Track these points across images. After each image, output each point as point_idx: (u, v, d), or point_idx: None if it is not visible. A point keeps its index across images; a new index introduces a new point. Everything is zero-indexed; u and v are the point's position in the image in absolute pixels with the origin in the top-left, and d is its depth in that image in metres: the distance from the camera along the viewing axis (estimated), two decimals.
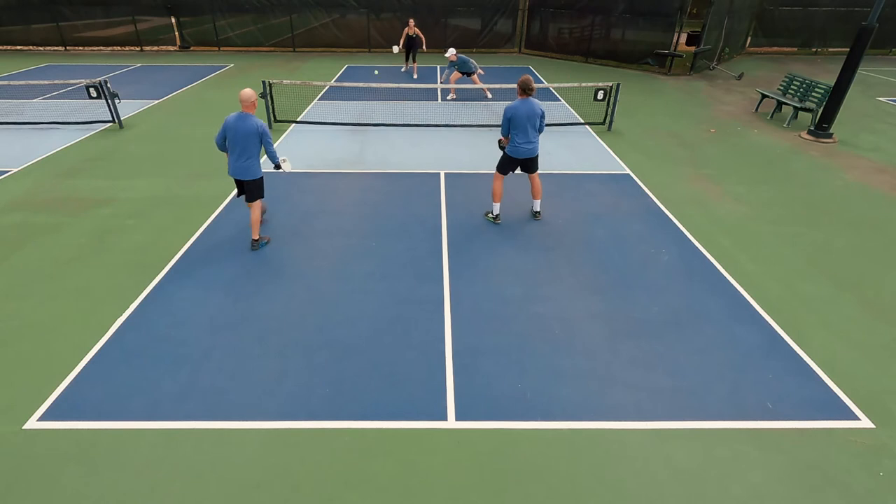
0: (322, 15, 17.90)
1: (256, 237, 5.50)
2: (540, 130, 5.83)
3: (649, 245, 5.70)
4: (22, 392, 3.69)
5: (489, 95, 12.10)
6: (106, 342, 4.17)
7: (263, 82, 9.26)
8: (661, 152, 8.64)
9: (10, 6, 17.36)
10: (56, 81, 10.09)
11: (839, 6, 17.65)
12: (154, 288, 4.86)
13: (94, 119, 9.72)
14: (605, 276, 5.13)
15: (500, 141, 6.00)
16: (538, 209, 6.25)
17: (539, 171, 6.11)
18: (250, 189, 5.39)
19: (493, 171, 6.17)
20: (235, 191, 5.75)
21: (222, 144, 5.27)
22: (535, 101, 5.69)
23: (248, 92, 5.07)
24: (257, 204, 5.45)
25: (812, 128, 9.49)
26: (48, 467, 3.16)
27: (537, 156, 5.95)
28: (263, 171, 5.42)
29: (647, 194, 6.99)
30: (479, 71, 11.70)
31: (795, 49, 18.71)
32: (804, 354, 4.13)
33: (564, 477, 3.14)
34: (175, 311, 4.54)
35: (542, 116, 5.74)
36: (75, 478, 3.10)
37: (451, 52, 11.50)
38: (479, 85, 11.65)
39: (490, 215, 6.19)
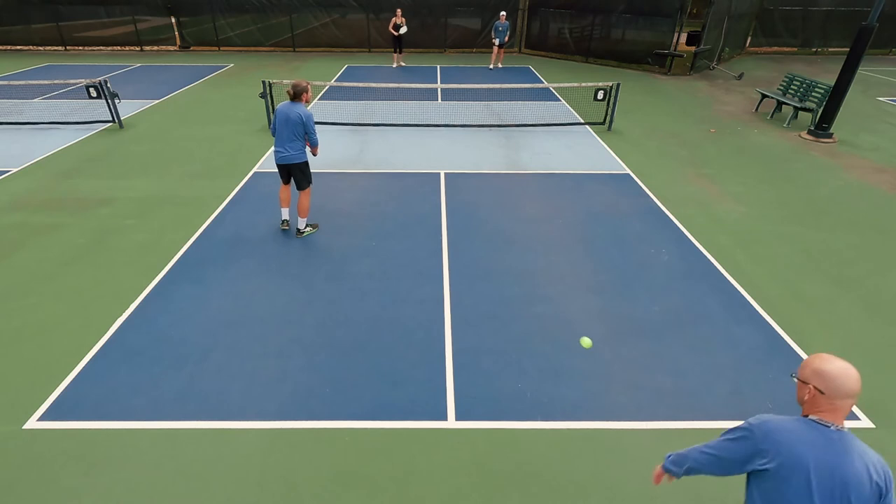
0: (322, 15, 17.91)
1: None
2: (312, 142, 5.38)
3: (649, 245, 5.70)
4: (22, 392, 3.69)
5: (499, 65, 15.59)
6: (106, 342, 4.17)
7: (263, 82, 9.26)
8: (661, 152, 8.64)
9: (10, 6, 17.36)
10: (56, 81, 10.09)
11: (839, 6, 17.65)
12: (154, 288, 4.86)
13: (94, 119, 9.72)
14: (605, 276, 5.13)
15: None
16: (300, 227, 5.76)
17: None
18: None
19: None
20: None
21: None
22: (300, 108, 5.24)
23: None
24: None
25: (812, 128, 9.50)
26: (48, 467, 3.16)
27: (296, 165, 5.45)
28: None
29: (647, 194, 6.99)
30: (496, 41, 15.20)
31: (795, 49, 18.71)
32: (804, 354, 4.12)
33: (564, 477, 3.14)
34: (175, 311, 4.54)
35: (304, 124, 5.24)
36: (75, 477, 3.10)
37: (503, 14, 15.15)
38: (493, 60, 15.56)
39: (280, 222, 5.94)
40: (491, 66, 15.52)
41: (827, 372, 1.66)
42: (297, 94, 5.26)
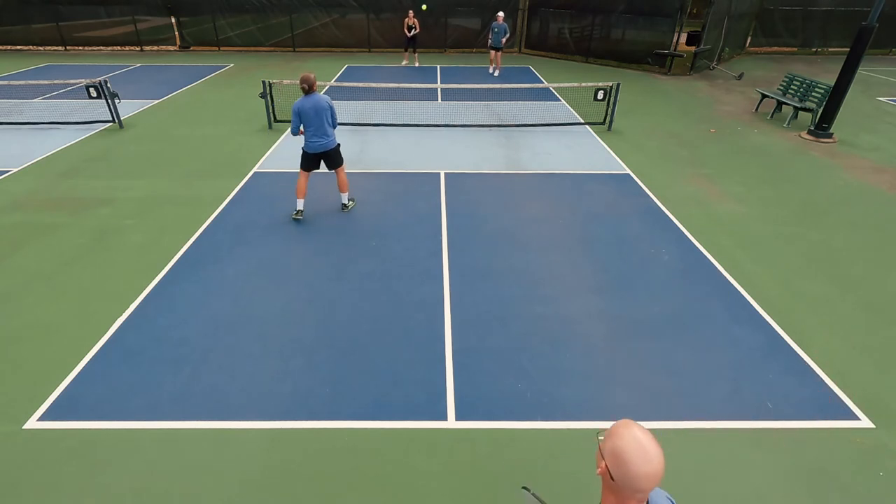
0: (322, 15, 17.91)
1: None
2: (333, 125, 6.00)
3: (649, 245, 5.70)
4: (22, 392, 3.69)
5: (496, 74, 14.74)
6: (106, 342, 4.17)
7: (263, 82, 9.26)
8: (661, 152, 8.64)
9: (10, 6, 17.35)
10: (56, 81, 10.10)
11: (839, 6, 17.65)
12: (154, 288, 4.86)
13: (94, 119, 9.72)
14: (605, 276, 5.13)
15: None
16: (345, 202, 6.40)
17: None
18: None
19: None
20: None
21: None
22: (321, 96, 5.82)
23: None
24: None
25: (812, 128, 9.49)
26: (48, 467, 3.16)
27: (334, 150, 6.05)
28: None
29: (647, 194, 6.99)
30: (502, 43, 14.48)
31: (795, 49, 18.70)
32: (804, 354, 4.12)
33: (564, 477, 3.14)
34: (175, 311, 4.54)
35: (332, 108, 5.90)
36: (75, 477, 3.10)
37: (500, 14, 14.51)
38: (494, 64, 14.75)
39: (294, 212, 6.18)
40: (490, 70, 15.25)
41: (619, 451, 1.21)
42: (311, 86, 5.68)
